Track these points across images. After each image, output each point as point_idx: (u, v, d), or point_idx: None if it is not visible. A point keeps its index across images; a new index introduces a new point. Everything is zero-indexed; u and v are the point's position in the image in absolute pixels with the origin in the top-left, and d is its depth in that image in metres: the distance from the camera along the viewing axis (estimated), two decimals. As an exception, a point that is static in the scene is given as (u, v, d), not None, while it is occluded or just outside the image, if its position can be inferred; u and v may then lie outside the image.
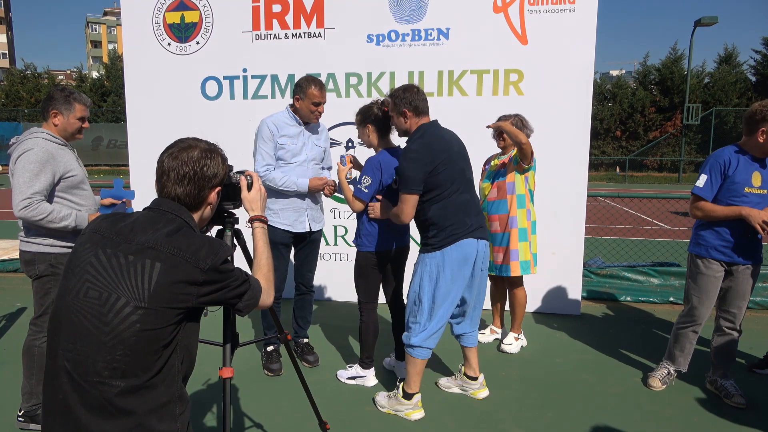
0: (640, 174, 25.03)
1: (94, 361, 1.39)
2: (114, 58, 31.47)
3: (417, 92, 3.02)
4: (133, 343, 1.39)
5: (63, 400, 1.42)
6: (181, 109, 5.12)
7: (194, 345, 1.58)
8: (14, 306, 5.02)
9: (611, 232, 8.40)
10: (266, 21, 4.92)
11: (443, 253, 2.90)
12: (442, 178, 2.87)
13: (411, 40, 4.76)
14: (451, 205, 2.90)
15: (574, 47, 4.53)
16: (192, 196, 1.60)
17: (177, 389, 1.50)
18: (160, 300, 1.41)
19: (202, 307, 1.53)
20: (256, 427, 2.93)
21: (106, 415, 1.39)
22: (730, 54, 27.22)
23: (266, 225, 1.89)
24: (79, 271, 1.47)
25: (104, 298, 1.41)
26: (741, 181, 3.05)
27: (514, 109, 4.59)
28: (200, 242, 1.50)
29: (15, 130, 26.01)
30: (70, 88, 3.00)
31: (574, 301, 4.87)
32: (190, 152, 1.60)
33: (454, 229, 2.89)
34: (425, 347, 3.00)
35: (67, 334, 1.43)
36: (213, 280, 1.49)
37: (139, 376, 1.41)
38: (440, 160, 2.86)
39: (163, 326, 1.42)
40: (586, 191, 4.73)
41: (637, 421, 3.04)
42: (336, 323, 4.60)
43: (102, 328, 1.40)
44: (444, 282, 2.92)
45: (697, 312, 3.26)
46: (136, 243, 1.46)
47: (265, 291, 1.69)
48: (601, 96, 27.36)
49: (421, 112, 3.02)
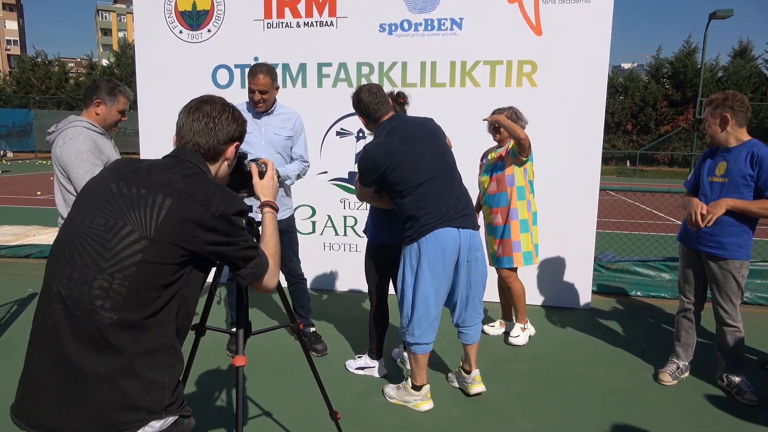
0: (650, 168, 24.83)
1: (90, 288, 1.35)
2: (124, 46, 31.53)
3: (367, 95, 2.98)
4: (132, 274, 1.35)
5: (52, 326, 1.38)
6: (192, 97, 5.07)
7: (193, 300, 1.52)
8: (26, 291, 5.06)
9: (622, 226, 8.35)
10: (278, 9, 4.89)
11: (419, 244, 2.85)
12: (403, 171, 2.82)
13: (424, 29, 4.72)
14: (421, 196, 2.82)
15: (589, 39, 4.47)
16: (210, 146, 1.61)
17: (170, 339, 1.44)
18: (165, 234, 1.38)
19: (208, 257, 1.48)
20: (266, 415, 2.95)
21: (94, 348, 1.34)
22: (744, 48, 26.84)
23: (276, 211, 1.89)
24: (88, 201, 1.46)
25: (110, 224, 1.39)
26: (706, 171, 3.24)
27: (527, 100, 4.57)
28: (215, 188, 1.49)
29: (26, 117, 26.17)
30: (115, 80, 3.02)
31: (585, 295, 4.84)
32: (209, 104, 1.64)
33: (427, 219, 2.82)
34: (422, 342, 2.96)
35: (67, 260, 1.40)
36: (222, 229, 1.46)
37: (135, 311, 1.36)
38: (396, 156, 2.82)
39: (165, 263, 1.39)
40: (598, 185, 4.68)
41: (647, 416, 3.02)
42: (345, 314, 4.61)
43: (104, 254, 1.36)
44: (424, 274, 2.86)
45: (680, 295, 3.48)
46: (151, 180, 1.45)
47: (271, 271, 1.65)
48: (613, 89, 27.09)
49: (376, 112, 2.98)
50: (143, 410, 1.37)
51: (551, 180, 4.58)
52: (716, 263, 3.17)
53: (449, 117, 4.48)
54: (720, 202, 3.03)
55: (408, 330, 2.98)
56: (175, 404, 1.45)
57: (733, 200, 3.03)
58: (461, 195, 2.93)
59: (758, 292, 5.02)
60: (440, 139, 3.01)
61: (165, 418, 1.41)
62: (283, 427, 2.84)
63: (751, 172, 3.01)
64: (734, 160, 3.09)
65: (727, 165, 3.11)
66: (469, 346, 3.16)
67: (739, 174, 3.04)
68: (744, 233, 3.09)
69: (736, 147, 3.11)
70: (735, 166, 3.07)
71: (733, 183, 3.07)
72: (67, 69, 31.91)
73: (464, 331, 3.13)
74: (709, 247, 3.17)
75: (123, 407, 1.35)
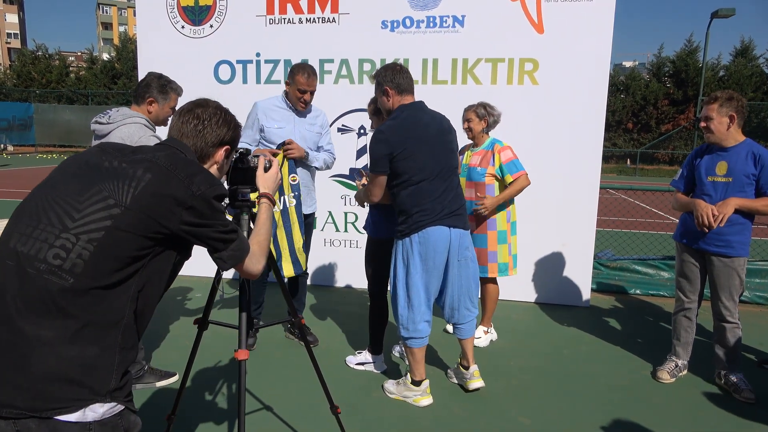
0: (650, 167, 24.81)
1: (51, 246, 1.28)
2: (125, 40, 31.41)
3: (400, 70, 2.93)
4: (99, 238, 1.29)
5: (1, 284, 1.29)
6: (193, 92, 5.01)
7: (159, 284, 1.44)
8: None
9: (622, 224, 8.36)
10: (280, 5, 4.89)
11: (411, 239, 2.86)
12: (409, 163, 2.79)
13: (426, 27, 4.72)
14: (420, 192, 2.82)
15: (591, 37, 4.47)
16: (197, 148, 1.60)
17: (127, 318, 1.35)
18: (141, 205, 1.33)
19: (183, 238, 1.43)
20: (268, 409, 2.97)
21: (42, 312, 1.25)
22: (746, 47, 26.77)
23: (272, 204, 1.91)
24: (65, 167, 1.43)
25: (85, 188, 1.34)
26: (704, 171, 3.23)
27: (529, 98, 4.59)
28: (198, 169, 1.47)
29: (26, 111, 26.12)
30: (166, 76, 3.01)
31: (584, 292, 4.86)
32: (201, 107, 1.63)
33: (420, 216, 2.82)
34: (416, 337, 2.98)
35: (31, 218, 1.33)
36: (200, 210, 1.41)
37: (93, 278, 1.28)
38: (407, 144, 2.78)
39: (135, 233, 1.32)
40: (599, 183, 4.69)
41: (645, 413, 3.04)
42: (345, 309, 4.63)
43: (72, 214, 1.30)
44: (414, 269, 2.88)
45: (679, 294, 3.46)
46: (134, 157, 1.43)
47: (254, 255, 1.61)
48: (614, 87, 27.03)
49: (404, 90, 2.91)
50: (86, 388, 1.26)
51: (552, 178, 4.59)
52: (722, 261, 3.18)
53: (450, 115, 4.48)
54: (728, 202, 3.06)
55: (402, 324, 3.00)
56: (121, 391, 1.33)
57: (740, 199, 3.07)
58: (456, 196, 2.95)
59: (757, 291, 5.04)
60: (451, 140, 2.99)
61: (110, 403, 1.30)
62: (284, 421, 2.86)
63: (754, 171, 3.06)
64: (735, 160, 3.10)
65: (728, 165, 3.12)
66: (464, 341, 3.19)
67: (743, 173, 3.08)
68: (746, 230, 3.15)
69: (734, 147, 3.13)
70: (738, 165, 3.09)
71: (737, 182, 3.09)
72: (67, 63, 31.74)
73: (459, 326, 3.16)
74: (716, 247, 3.18)
75: (63, 380, 1.24)
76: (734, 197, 3.08)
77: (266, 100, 3.70)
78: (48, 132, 25.84)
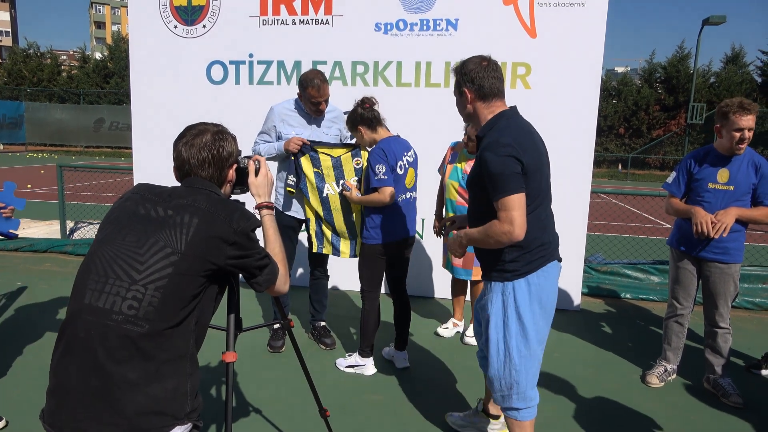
0: (641, 172, 24.98)
1: (123, 299, 1.43)
2: (117, 39, 31.25)
3: (487, 66, 2.22)
4: (164, 285, 1.45)
5: (84, 338, 1.43)
6: (185, 92, 5.10)
7: (209, 312, 1.62)
8: (15, 285, 5.02)
9: (612, 229, 8.40)
10: (274, 6, 4.88)
11: (527, 281, 2.20)
12: (531, 185, 2.12)
13: (419, 29, 4.73)
14: (537, 220, 2.18)
15: (583, 43, 4.50)
16: (215, 178, 1.71)
17: (191, 347, 1.54)
18: (195, 249, 1.49)
19: (228, 270, 1.58)
20: (256, 412, 2.94)
21: (125, 356, 1.41)
22: (737, 54, 27.04)
23: (273, 211, 1.90)
24: (117, 220, 1.57)
25: (142, 241, 1.49)
26: (704, 177, 3.19)
27: (521, 102, 4.55)
28: (235, 206, 1.61)
29: (17, 109, 25.90)
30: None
31: (575, 296, 4.88)
32: (204, 137, 1.69)
33: (542, 250, 2.21)
34: (532, 405, 2.34)
35: (99, 274, 1.48)
36: (242, 243, 1.57)
37: (164, 321, 1.45)
38: (531, 161, 2.10)
39: (194, 275, 1.49)
40: (590, 187, 4.71)
41: (633, 417, 3.05)
42: (336, 312, 4.61)
43: (137, 267, 1.46)
44: (533, 317, 2.24)
45: (672, 300, 3.43)
46: (175, 203, 1.56)
47: (282, 276, 1.74)
48: (606, 93, 27.20)
49: (487, 94, 2.21)
50: (169, 416, 1.45)
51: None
52: (719, 268, 3.20)
53: (443, 117, 4.51)
54: (729, 212, 3.07)
55: (518, 393, 2.30)
56: (195, 412, 1.53)
57: (741, 210, 3.09)
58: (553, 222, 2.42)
59: (745, 296, 5.08)
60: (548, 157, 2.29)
61: (186, 425, 1.50)
62: (272, 424, 2.85)
63: (755, 180, 3.09)
64: (737, 168, 3.11)
65: (730, 173, 3.12)
66: None
67: (745, 182, 3.10)
68: (742, 236, 3.18)
69: (736, 155, 3.14)
70: (740, 174, 3.10)
71: (739, 191, 3.11)
72: (59, 61, 31.50)
73: None
74: (713, 253, 3.19)
75: (152, 413, 1.43)
76: (735, 207, 3.09)
77: (282, 104, 3.64)
78: (38, 131, 25.63)
